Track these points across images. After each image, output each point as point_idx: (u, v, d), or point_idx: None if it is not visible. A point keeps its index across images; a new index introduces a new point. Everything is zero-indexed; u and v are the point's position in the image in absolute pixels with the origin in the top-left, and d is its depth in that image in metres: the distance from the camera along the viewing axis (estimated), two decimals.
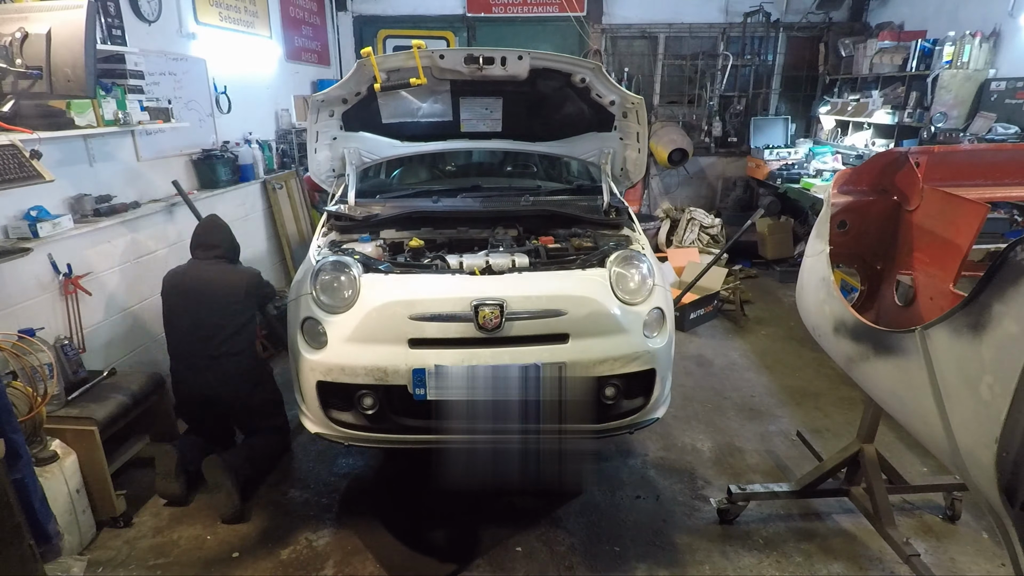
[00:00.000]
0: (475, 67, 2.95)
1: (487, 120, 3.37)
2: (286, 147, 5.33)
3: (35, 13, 1.85)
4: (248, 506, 2.84)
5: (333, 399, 2.46)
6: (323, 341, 2.41)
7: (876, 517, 2.48)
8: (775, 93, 7.37)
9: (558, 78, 3.10)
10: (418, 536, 2.67)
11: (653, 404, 2.57)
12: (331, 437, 2.52)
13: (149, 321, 3.53)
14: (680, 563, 2.53)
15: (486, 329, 2.34)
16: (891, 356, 1.83)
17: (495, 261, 2.57)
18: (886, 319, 2.52)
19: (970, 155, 2.46)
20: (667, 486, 3.01)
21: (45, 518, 2.16)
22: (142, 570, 2.50)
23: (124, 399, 2.77)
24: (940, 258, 2.17)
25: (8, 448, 1.87)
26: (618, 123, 3.35)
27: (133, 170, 3.47)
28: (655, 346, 2.50)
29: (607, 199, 3.31)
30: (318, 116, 3.20)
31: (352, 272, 2.47)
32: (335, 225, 3.02)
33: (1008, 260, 1.35)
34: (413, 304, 2.37)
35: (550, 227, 3.08)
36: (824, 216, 2.31)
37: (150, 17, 3.59)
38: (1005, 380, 1.34)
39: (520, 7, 6.94)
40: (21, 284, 2.70)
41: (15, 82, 1.88)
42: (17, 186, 2.31)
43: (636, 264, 2.60)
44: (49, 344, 2.60)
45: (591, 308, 2.44)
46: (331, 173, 3.48)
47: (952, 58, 4.91)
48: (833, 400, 3.81)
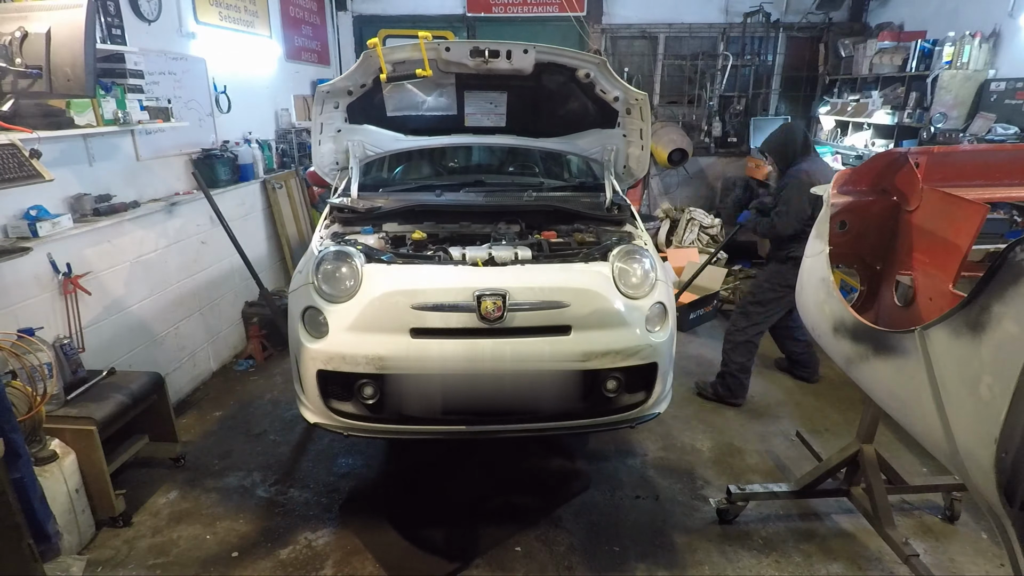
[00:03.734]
0: (480, 60, 2.94)
1: (491, 115, 3.36)
2: (286, 147, 5.32)
3: (35, 12, 1.85)
4: (248, 506, 2.84)
5: (333, 388, 2.46)
6: (324, 330, 2.41)
7: (875, 517, 2.48)
8: (775, 93, 7.37)
9: (563, 73, 3.10)
10: (417, 536, 2.67)
11: (655, 399, 2.59)
12: (330, 427, 2.52)
13: (149, 321, 3.53)
14: (679, 563, 2.53)
15: (488, 320, 2.35)
16: (890, 356, 1.83)
17: (498, 253, 2.58)
18: (886, 319, 2.52)
19: (970, 155, 2.46)
20: (667, 486, 3.01)
21: (44, 517, 2.16)
22: (141, 570, 2.50)
23: (123, 399, 2.76)
24: (940, 258, 2.17)
25: (7, 447, 1.87)
26: (622, 119, 3.35)
27: (133, 169, 3.46)
28: (657, 340, 2.51)
29: (610, 196, 3.31)
30: (323, 108, 3.20)
31: (354, 262, 2.48)
32: (338, 217, 3.03)
33: (1007, 260, 1.35)
34: (415, 293, 2.38)
35: (552, 222, 3.08)
36: (824, 216, 2.31)
37: (150, 16, 3.59)
38: (1004, 380, 1.33)
39: (520, 7, 6.94)
40: (20, 283, 2.69)
41: (15, 81, 1.87)
42: (17, 185, 2.31)
43: (638, 259, 2.61)
44: (48, 343, 2.59)
45: (594, 301, 2.45)
46: (334, 166, 3.49)
47: (952, 58, 4.90)
48: (833, 400, 3.81)
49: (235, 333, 4.49)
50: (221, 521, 2.77)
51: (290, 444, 3.36)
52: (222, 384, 4.09)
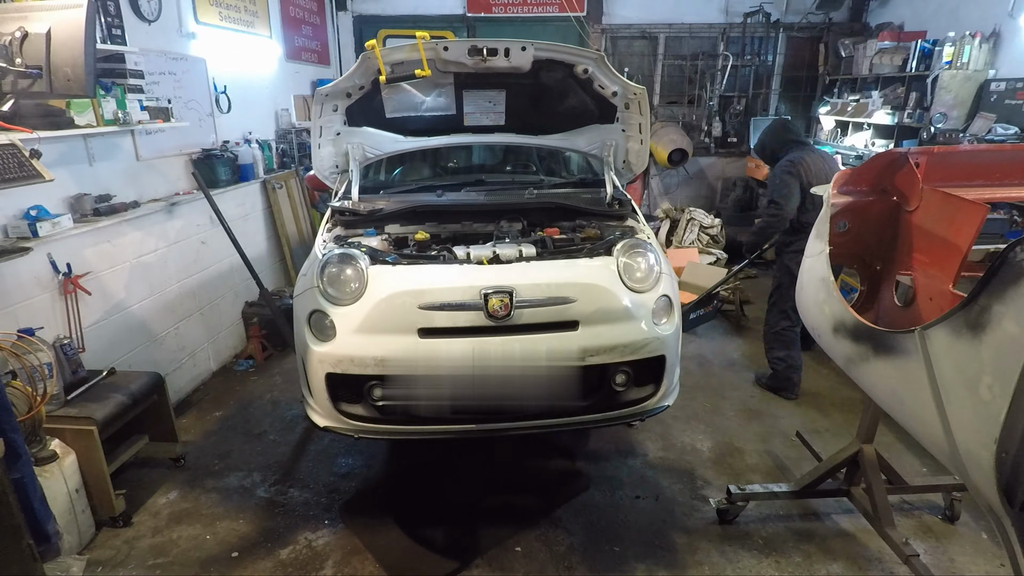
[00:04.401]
0: (479, 59, 2.94)
1: (490, 113, 3.36)
2: (286, 147, 5.32)
3: (35, 12, 1.85)
4: (248, 506, 2.84)
5: (342, 391, 2.46)
6: (331, 333, 2.41)
7: (875, 517, 2.48)
8: (775, 93, 7.38)
9: (561, 69, 3.10)
10: (417, 536, 2.67)
11: (663, 391, 2.60)
12: (340, 430, 2.51)
13: (149, 321, 3.53)
14: (679, 563, 2.53)
15: (496, 317, 2.35)
16: (890, 356, 1.83)
17: (502, 251, 2.58)
18: (886, 319, 2.52)
19: (970, 156, 2.46)
20: (667, 486, 3.01)
21: (44, 518, 2.16)
22: (141, 570, 2.50)
23: (123, 399, 2.76)
24: (940, 259, 2.17)
25: (7, 447, 1.87)
26: (620, 114, 3.35)
27: (133, 169, 3.46)
28: (664, 333, 2.52)
29: (610, 191, 3.31)
30: (322, 110, 3.20)
31: (359, 264, 2.48)
32: (340, 220, 3.02)
33: (1007, 260, 1.35)
34: (422, 293, 2.38)
35: (554, 219, 3.08)
36: (824, 216, 2.31)
37: (150, 17, 3.59)
38: (1004, 381, 1.34)
39: (520, 7, 6.95)
40: (20, 283, 2.69)
41: (15, 81, 1.87)
42: (17, 185, 2.30)
43: (643, 252, 2.62)
44: (48, 343, 2.59)
45: (600, 295, 2.45)
46: (334, 169, 3.48)
47: (952, 59, 4.91)
48: (832, 400, 3.81)
49: (235, 333, 4.49)
50: (221, 521, 2.77)
51: (290, 444, 3.36)
52: (222, 384, 4.09)
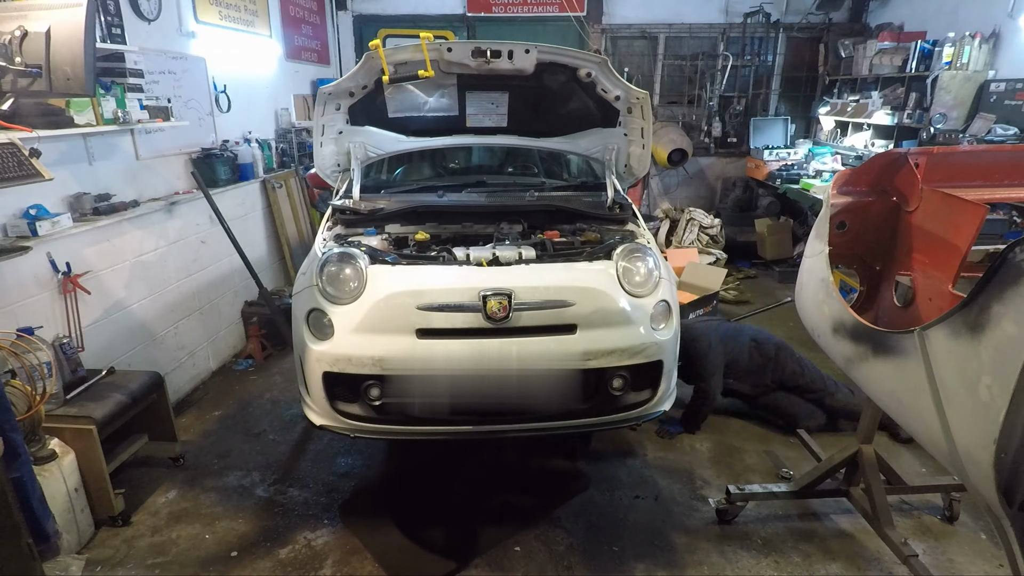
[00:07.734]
0: (482, 60, 2.95)
1: (493, 115, 3.36)
2: (285, 146, 5.32)
3: (35, 11, 1.85)
4: (247, 505, 2.84)
5: (339, 390, 2.46)
6: (329, 332, 2.41)
7: (874, 517, 2.48)
8: (775, 94, 7.38)
9: (564, 72, 3.10)
10: (417, 535, 2.67)
11: (660, 396, 2.59)
12: (337, 429, 2.51)
13: (148, 320, 3.53)
14: (678, 563, 2.53)
15: (494, 319, 2.35)
16: (890, 357, 1.83)
17: (502, 253, 2.58)
18: (885, 320, 2.52)
19: (969, 156, 2.46)
20: (666, 486, 3.01)
21: (43, 517, 2.16)
22: (141, 569, 2.50)
23: (123, 398, 2.76)
24: (939, 259, 2.17)
25: (7, 447, 1.87)
26: (623, 118, 3.35)
27: (132, 169, 3.46)
28: (662, 338, 2.52)
29: (611, 195, 3.31)
30: (324, 109, 3.20)
31: (359, 263, 2.48)
32: (340, 219, 3.02)
33: (1007, 261, 1.35)
34: (421, 294, 2.38)
35: (555, 222, 3.08)
36: (823, 217, 2.31)
37: (150, 16, 3.59)
38: (1003, 381, 1.34)
39: (520, 7, 6.95)
40: (20, 282, 2.69)
41: (14, 80, 1.88)
42: (16, 184, 2.30)
43: (642, 257, 2.62)
44: (48, 343, 2.59)
45: (599, 299, 2.45)
46: (336, 168, 3.49)
47: (952, 59, 4.91)
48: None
49: (234, 333, 4.49)
50: (220, 520, 2.77)
51: (289, 444, 3.36)
52: (221, 383, 4.09)
